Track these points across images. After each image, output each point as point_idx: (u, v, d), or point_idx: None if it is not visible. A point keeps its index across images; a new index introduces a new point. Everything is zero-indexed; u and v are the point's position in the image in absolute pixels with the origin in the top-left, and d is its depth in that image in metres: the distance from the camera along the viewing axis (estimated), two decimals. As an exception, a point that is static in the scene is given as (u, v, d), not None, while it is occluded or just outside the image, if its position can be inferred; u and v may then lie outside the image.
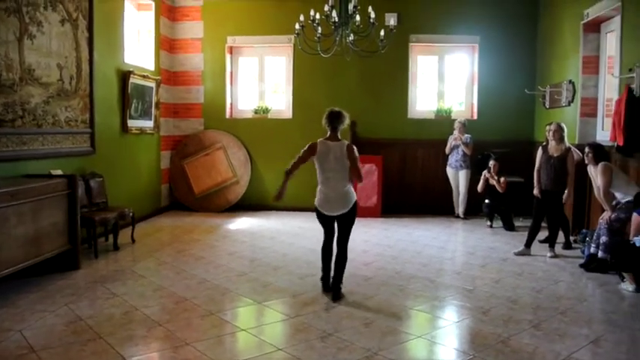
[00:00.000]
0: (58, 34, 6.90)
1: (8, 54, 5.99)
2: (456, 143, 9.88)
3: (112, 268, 6.57)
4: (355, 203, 5.43)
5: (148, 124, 9.67)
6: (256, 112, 11.02)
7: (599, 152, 6.58)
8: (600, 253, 6.33)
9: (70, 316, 4.83)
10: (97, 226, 7.01)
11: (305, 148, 5.41)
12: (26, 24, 6.26)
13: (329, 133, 5.43)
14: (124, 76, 8.71)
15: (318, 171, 5.43)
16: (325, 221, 5.51)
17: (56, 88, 6.90)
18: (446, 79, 10.92)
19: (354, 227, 5.47)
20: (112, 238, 7.55)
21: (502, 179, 9.16)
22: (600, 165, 6.43)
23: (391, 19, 8.50)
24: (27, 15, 6.27)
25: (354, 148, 5.41)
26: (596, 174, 6.57)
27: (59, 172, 6.70)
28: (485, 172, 9.36)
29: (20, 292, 5.47)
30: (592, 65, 8.19)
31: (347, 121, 5.51)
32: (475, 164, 9.94)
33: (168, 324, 4.70)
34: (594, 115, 8.19)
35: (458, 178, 10.02)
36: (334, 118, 5.40)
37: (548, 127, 7.70)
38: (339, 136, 5.45)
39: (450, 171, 10.12)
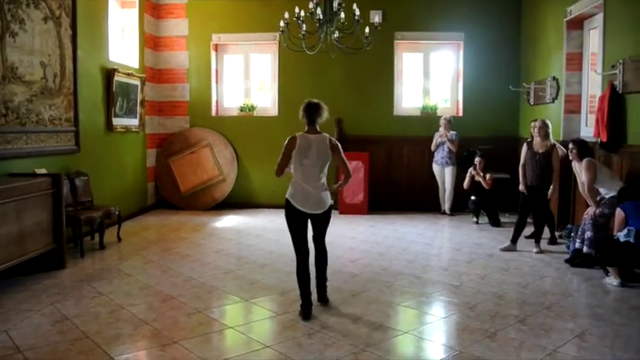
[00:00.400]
0: (41, 32, 6.83)
1: (-10, 52, 5.93)
2: (442, 140, 9.92)
3: (98, 266, 6.52)
4: (331, 205, 5.06)
5: (134, 122, 9.61)
6: (242, 109, 10.99)
7: (583, 148, 6.65)
8: (585, 249, 6.40)
9: (56, 316, 4.80)
10: (82, 225, 6.96)
11: (285, 144, 4.94)
12: (8, 22, 6.19)
13: (307, 126, 4.99)
14: (109, 74, 8.65)
15: (295, 166, 4.95)
16: (297, 220, 4.99)
17: (40, 86, 6.84)
18: (431, 76, 10.95)
19: (341, 225, 5.39)
20: (97, 236, 7.51)
21: (488, 176, 9.20)
22: (584, 161, 6.49)
23: (376, 17, 8.51)
24: (9, 12, 6.19)
25: (338, 143, 5.05)
26: (580, 170, 6.63)
27: (43, 171, 6.65)
28: (470, 170, 9.41)
29: (5, 291, 5.42)
30: (575, 62, 8.25)
31: (326, 114, 5.02)
32: (461, 161, 9.99)
33: (155, 322, 4.68)
34: (578, 111, 8.26)
35: (444, 174, 10.06)
36: (312, 111, 4.96)
37: (533, 124, 7.75)
38: (319, 129, 5.02)
39: (436, 168, 10.16)
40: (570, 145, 6.76)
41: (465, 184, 9.47)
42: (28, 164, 6.60)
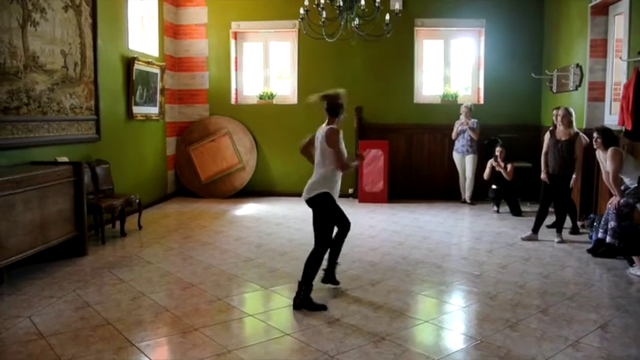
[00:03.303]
0: (62, 21, 6.86)
1: (12, 41, 5.96)
2: (463, 128, 9.83)
3: (119, 254, 6.58)
4: (319, 196, 4.89)
5: (153, 110, 9.65)
6: (261, 97, 10.99)
7: (609, 137, 6.50)
8: (608, 238, 6.31)
9: (78, 302, 4.85)
10: (103, 213, 7.01)
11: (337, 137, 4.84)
12: (29, 11, 6.23)
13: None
14: (129, 62, 8.68)
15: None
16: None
17: (61, 75, 6.88)
18: (452, 64, 10.84)
19: (361, 213, 5.36)
20: (118, 224, 7.56)
21: (509, 167, 9.09)
22: (610, 150, 6.37)
23: (396, 3, 8.46)
24: (30, 2, 6.23)
25: (335, 132, 4.80)
26: (605, 159, 6.51)
27: (65, 159, 6.72)
28: (491, 161, 9.30)
29: (28, 278, 5.49)
30: (600, 49, 8.09)
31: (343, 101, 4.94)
32: (482, 149, 9.90)
33: (176, 309, 4.71)
34: (602, 99, 8.11)
35: (464, 163, 9.97)
36: (333, 103, 4.92)
37: (555, 112, 7.64)
38: (334, 122, 4.91)
39: (456, 156, 10.07)
40: (595, 134, 6.63)
41: (485, 175, 9.38)
42: (50, 152, 6.67)
